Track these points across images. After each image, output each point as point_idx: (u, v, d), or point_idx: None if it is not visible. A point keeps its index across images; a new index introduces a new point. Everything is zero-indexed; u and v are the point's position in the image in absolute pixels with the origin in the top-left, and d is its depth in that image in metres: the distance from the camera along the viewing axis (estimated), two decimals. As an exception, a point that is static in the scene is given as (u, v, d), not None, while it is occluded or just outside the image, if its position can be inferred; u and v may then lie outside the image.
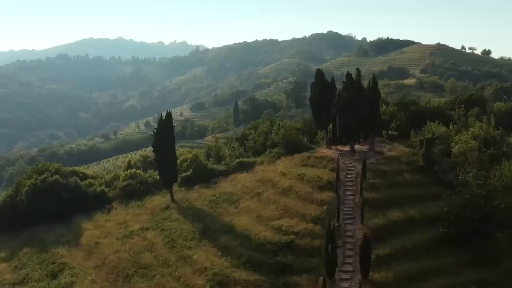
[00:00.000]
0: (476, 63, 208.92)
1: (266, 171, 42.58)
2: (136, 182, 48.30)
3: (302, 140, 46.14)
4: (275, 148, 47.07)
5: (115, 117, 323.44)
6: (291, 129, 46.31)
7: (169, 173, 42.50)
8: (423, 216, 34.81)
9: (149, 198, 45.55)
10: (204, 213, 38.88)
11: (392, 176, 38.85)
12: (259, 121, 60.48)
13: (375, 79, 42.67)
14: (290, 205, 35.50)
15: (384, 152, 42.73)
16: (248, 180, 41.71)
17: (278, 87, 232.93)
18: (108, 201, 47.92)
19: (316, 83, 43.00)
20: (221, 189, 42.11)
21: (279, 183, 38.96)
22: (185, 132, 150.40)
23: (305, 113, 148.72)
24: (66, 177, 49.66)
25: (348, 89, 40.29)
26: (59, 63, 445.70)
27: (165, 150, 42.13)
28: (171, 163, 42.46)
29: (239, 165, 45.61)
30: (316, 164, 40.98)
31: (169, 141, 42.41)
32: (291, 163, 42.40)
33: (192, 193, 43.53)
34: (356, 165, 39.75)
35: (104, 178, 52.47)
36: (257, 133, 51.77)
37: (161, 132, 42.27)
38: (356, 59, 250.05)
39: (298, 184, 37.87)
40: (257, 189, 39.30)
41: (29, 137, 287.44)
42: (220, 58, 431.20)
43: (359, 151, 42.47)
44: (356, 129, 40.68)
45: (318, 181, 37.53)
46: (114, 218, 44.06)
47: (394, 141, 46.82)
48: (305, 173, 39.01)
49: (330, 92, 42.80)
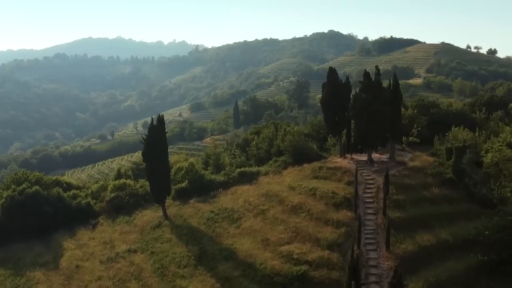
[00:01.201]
0: (482, 62, 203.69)
1: (272, 183, 37.38)
2: (125, 194, 43.08)
3: (311, 148, 41.01)
4: (281, 157, 41.92)
5: (113, 117, 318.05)
6: (299, 134, 41.13)
7: (161, 186, 37.29)
8: (457, 240, 29.73)
9: (139, 212, 40.36)
10: (200, 234, 33.68)
11: (418, 190, 33.72)
12: (262, 125, 55.20)
13: (396, 78, 37.53)
14: (301, 226, 30.29)
15: (406, 162, 37.58)
16: (251, 194, 36.53)
17: (279, 87, 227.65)
18: (93, 215, 42.77)
19: (328, 83, 37.81)
20: (220, 203, 36.90)
21: (287, 198, 33.78)
22: (183, 134, 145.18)
23: (308, 114, 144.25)
24: (47, 188, 44.47)
25: (366, 90, 35.15)
26: (57, 62, 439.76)
27: (157, 159, 36.90)
28: (163, 174, 37.25)
29: (241, 175, 40.43)
30: (329, 176, 35.83)
31: (161, 149, 37.19)
32: (300, 175, 37.25)
33: (187, 208, 38.34)
34: (376, 177, 34.62)
35: (91, 189, 47.31)
36: (260, 139, 46.61)
37: (152, 138, 37.05)
38: (359, 58, 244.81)
39: (310, 201, 32.68)
40: (261, 206, 34.09)
41: (25, 138, 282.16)
42: (220, 58, 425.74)
43: (378, 160, 37.33)
44: (375, 135, 35.51)
45: (333, 197, 32.37)
46: (99, 236, 38.87)
47: (415, 148, 41.67)
48: (317, 187, 33.83)
49: (344, 93, 37.63)
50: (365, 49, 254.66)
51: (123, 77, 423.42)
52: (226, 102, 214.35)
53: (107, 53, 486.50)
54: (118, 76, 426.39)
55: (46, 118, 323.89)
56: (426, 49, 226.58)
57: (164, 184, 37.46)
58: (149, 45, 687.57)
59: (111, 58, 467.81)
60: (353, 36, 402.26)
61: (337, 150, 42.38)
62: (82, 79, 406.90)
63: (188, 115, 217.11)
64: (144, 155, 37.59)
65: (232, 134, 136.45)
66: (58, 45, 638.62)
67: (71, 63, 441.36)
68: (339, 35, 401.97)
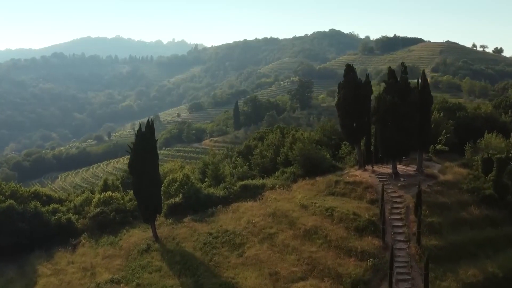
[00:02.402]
0: (488, 61, 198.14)
1: (280, 200, 32.03)
2: (111, 209, 37.72)
3: (325, 157, 35.65)
4: (289, 167, 36.56)
5: (111, 117, 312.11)
6: (310, 142, 35.73)
7: (151, 204, 31.88)
8: (507, 272, 24.44)
9: (125, 232, 35.04)
10: (196, 262, 28.31)
11: (455, 210, 28.39)
12: (266, 130, 49.64)
13: (426, 77, 32.20)
14: (318, 257, 24.94)
15: (436, 175, 32.23)
16: (255, 212, 31.17)
17: (280, 87, 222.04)
18: (75, 233, 37.51)
19: (346, 82, 32.38)
20: (219, 224, 31.54)
21: (299, 220, 28.42)
22: (181, 136, 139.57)
23: (311, 115, 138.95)
24: (24, 202, 39.26)
25: (391, 90, 29.77)
26: (54, 62, 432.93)
27: (146, 172, 31.51)
28: (153, 189, 31.86)
29: (243, 189, 35.08)
30: (347, 192, 30.50)
31: (150, 159, 31.83)
32: (312, 190, 31.92)
33: (181, 228, 32.98)
34: (403, 194, 29.32)
35: (73, 202, 41.98)
36: (265, 146, 41.20)
37: (140, 147, 31.68)
38: (362, 57, 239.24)
39: (327, 224, 27.34)
40: (268, 229, 28.74)
41: (21, 139, 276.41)
42: (219, 57, 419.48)
43: (404, 174, 31.99)
44: (401, 144, 30.16)
45: (354, 219, 27.03)
46: (79, 260, 33.51)
47: (442, 158, 36.38)
48: (334, 207, 28.49)
49: (364, 95, 32.24)
50: (368, 48, 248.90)
51: (121, 77, 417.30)
52: (225, 102, 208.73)
53: (106, 53, 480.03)
54: (116, 76, 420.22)
55: (43, 118, 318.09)
56: (431, 48, 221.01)
57: (154, 200, 32.06)
58: (148, 44, 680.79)
59: (109, 58, 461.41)
60: (355, 35, 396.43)
61: (353, 160, 37.14)
62: (80, 79, 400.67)
63: (187, 116, 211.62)
64: (131, 166, 32.22)
65: (232, 136, 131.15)
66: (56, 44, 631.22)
67: (69, 63, 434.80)
68: (340, 34, 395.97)
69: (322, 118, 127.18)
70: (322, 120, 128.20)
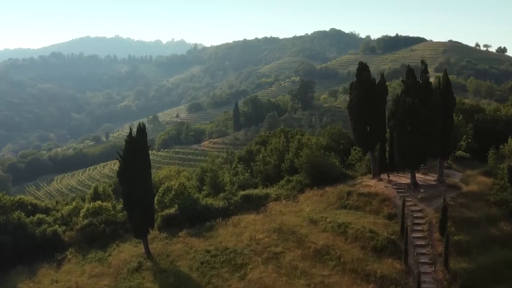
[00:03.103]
0: (492, 61, 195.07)
1: (286, 213, 28.88)
2: (101, 221, 34.63)
3: (334, 165, 32.51)
4: (295, 175, 33.44)
5: (109, 117, 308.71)
6: (318, 148, 32.58)
7: (143, 217, 28.73)
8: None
9: (115, 247, 31.91)
10: (192, 284, 25.17)
11: (483, 227, 25.20)
12: (269, 133, 46.36)
13: (447, 76, 29.08)
14: (331, 283, 21.80)
15: (459, 185, 29.09)
16: (259, 228, 28.02)
17: (280, 87, 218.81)
18: (61, 247, 34.39)
19: (359, 83, 29.23)
20: (218, 240, 28.40)
21: (308, 238, 25.28)
22: (179, 137, 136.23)
23: (313, 116, 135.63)
24: (7, 212, 36.23)
25: (410, 92, 26.62)
26: (53, 61, 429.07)
27: (137, 182, 28.36)
28: (145, 201, 28.72)
29: (245, 200, 31.95)
30: (361, 205, 27.35)
31: (142, 168, 28.70)
32: (322, 202, 28.78)
33: (176, 244, 29.84)
34: (425, 208, 26.20)
35: (61, 212, 38.88)
36: (268, 151, 38.02)
37: (131, 154, 28.54)
38: (363, 57, 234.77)
39: (340, 243, 24.20)
40: (273, 247, 25.58)
41: (18, 139, 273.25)
42: (219, 57, 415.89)
43: (424, 184, 28.86)
44: (422, 151, 27.04)
45: (371, 238, 23.89)
46: (64, 279, 30.30)
47: (462, 165, 33.27)
48: (348, 223, 25.35)
49: (379, 96, 29.09)
50: (370, 48, 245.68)
51: (120, 77, 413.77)
52: (225, 102, 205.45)
53: (105, 53, 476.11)
54: (115, 76, 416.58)
55: (41, 118, 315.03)
56: (434, 48, 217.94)
57: (146, 214, 28.92)
58: (147, 44, 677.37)
59: (108, 57, 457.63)
60: (355, 34, 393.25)
61: (364, 167, 34.04)
62: (78, 79, 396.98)
63: (186, 116, 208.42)
64: (120, 175, 29.06)
65: (232, 137, 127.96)
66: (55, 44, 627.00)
67: (67, 62, 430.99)
68: (341, 33, 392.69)
69: (324, 119, 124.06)
70: (324, 121, 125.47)
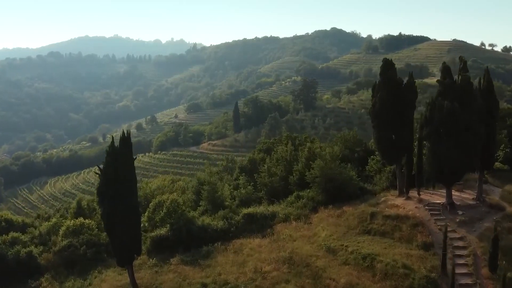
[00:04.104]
0: (498, 61, 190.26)
1: (297, 238, 24.28)
2: (82, 241, 30.11)
3: (352, 179, 27.94)
4: (306, 190, 28.85)
5: (107, 118, 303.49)
6: (333, 158, 27.97)
7: (127, 243, 24.12)
8: None
9: (97, 274, 27.38)
10: (184, 330, 20.62)
11: (541, 260, 20.67)
12: (274, 139, 41.58)
13: (489, 75, 24.58)
14: (360, 337, 17.21)
15: (501, 205, 24.47)
16: (265, 256, 23.40)
17: (281, 87, 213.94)
18: (37, 271, 29.90)
19: (384, 83, 24.58)
20: (217, 271, 23.78)
21: (326, 273, 20.67)
22: (177, 139, 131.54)
23: (316, 117, 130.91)
24: (-24, 230, 31.75)
25: (448, 94, 22.05)
26: (51, 61, 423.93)
27: (120, 201, 23.76)
28: (130, 224, 24.12)
29: (248, 220, 27.36)
30: (389, 230, 22.75)
31: (127, 184, 24.10)
32: (340, 225, 24.18)
33: (167, 273, 25.24)
34: (466, 235, 21.63)
35: (38, 229, 34.32)
36: (273, 161, 33.40)
37: (113, 169, 23.94)
38: (366, 56, 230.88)
39: (367, 281, 19.61)
40: (284, 284, 20.96)
41: (15, 140, 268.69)
42: (219, 56, 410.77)
43: (462, 203, 24.27)
44: (462, 165, 22.45)
45: (405, 275, 19.30)
46: (36, 313, 25.88)
47: (499, 178, 28.71)
48: (375, 254, 20.75)
49: (407, 99, 24.48)
50: (372, 47, 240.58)
51: (119, 76, 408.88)
52: (225, 102, 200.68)
53: (104, 52, 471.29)
54: (114, 75, 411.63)
55: (38, 119, 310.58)
56: (438, 47, 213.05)
57: (131, 239, 24.30)
58: (146, 44, 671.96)
59: (106, 57, 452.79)
60: (357, 33, 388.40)
61: (384, 179, 29.51)
62: (77, 78, 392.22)
63: (184, 116, 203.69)
64: (100, 193, 24.43)
65: (232, 139, 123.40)
66: (54, 43, 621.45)
67: (65, 62, 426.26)
68: (342, 32, 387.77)
69: (327, 121, 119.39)
70: (327, 123, 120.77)
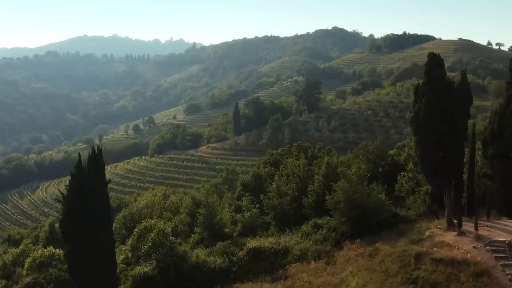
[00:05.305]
0: (506, 60, 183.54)
1: (319, 287, 18.65)
2: (49, 279, 24.48)
3: (383, 204, 22.36)
4: (326, 217, 23.23)
5: (105, 118, 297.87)
6: (360, 180, 22.36)
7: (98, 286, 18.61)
8: None
9: (65, 324, 21.78)
10: None
11: None
12: (282, 150, 35.82)
13: None
14: None
15: None
16: (277, 312, 17.83)
17: (282, 87, 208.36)
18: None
19: (431, 85, 18.95)
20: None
21: None
22: (175, 141, 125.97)
23: (320, 118, 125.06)
24: None
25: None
26: (48, 60, 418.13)
27: (89, 238, 18.22)
28: (101, 267, 18.57)
29: (254, 257, 21.76)
30: (442, 281, 17.10)
31: (97, 216, 18.54)
32: (375, 270, 18.53)
33: (151, 329, 19.67)
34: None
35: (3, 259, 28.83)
36: (283, 178, 27.80)
37: (79, 196, 18.37)
38: (369, 56, 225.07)
39: None
40: None
41: (10, 141, 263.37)
42: (218, 56, 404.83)
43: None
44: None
45: None
46: None
47: None
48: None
49: (459, 105, 18.88)
50: (376, 46, 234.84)
51: (117, 76, 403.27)
52: (225, 103, 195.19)
53: (103, 52, 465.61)
54: (112, 75, 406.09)
55: (34, 119, 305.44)
56: (444, 46, 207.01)
57: (103, 284, 18.77)
58: (146, 43, 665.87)
59: (104, 56, 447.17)
60: (358, 33, 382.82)
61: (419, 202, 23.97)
62: (74, 78, 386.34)
63: (183, 117, 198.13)
64: (63, 227, 18.88)
65: (232, 142, 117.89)
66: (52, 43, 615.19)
67: (63, 62, 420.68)
68: (344, 32, 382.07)
69: (332, 123, 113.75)
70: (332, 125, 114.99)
